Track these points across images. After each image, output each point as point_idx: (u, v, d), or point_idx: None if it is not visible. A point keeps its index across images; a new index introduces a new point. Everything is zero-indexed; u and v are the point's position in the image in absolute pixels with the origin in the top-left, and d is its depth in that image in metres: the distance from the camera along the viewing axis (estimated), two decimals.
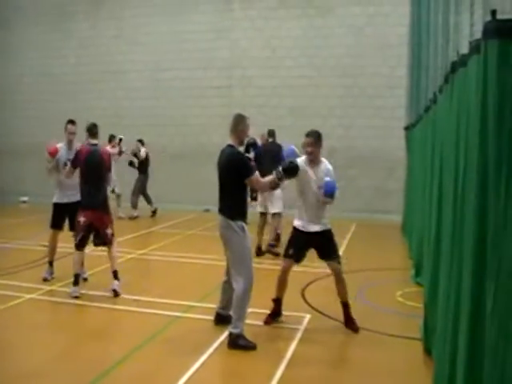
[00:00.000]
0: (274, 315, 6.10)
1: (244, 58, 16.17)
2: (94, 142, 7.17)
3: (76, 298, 6.85)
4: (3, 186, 18.35)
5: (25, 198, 17.82)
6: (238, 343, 5.30)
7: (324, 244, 5.90)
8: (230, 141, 5.52)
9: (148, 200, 14.67)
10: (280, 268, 6.09)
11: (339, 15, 15.27)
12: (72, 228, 7.67)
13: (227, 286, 5.72)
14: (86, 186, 7.02)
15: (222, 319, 5.87)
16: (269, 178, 5.49)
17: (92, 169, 7.02)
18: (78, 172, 7.57)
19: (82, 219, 6.99)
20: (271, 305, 6.09)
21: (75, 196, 7.53)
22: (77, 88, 17.97)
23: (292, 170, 5.45)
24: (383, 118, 14.52)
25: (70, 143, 7.75)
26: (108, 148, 12.17)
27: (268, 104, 15.50)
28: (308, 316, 6.28)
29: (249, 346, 5.30)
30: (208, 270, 8.39)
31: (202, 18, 16.75)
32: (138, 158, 14.37)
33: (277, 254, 9.13)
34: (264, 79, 15.82)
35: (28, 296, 7.02)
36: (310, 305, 6.70)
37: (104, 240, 7.13)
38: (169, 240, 11.07)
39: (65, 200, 7.70)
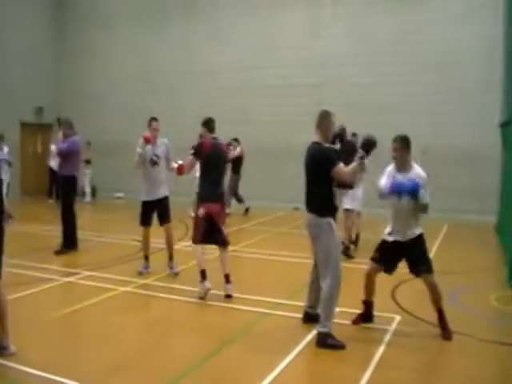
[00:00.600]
0: (365, 318, 5.98)
1: (336, 56, 16.02)
2: (213, 135, 7.22)
3: (201, 298, 6.87)
4: (100, 183, 19.21)
5: (120, 194, 18.52)
6: (326, 342, 5.28)
7: (413, 254, 5.65)
8: (316, 138, 5.50)
9: (239, 199, 14.99)
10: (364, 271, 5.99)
11: (432, 10, 14.82)
12: (162, 222, 8.00)
13: (315, 285, 5.71)
14: (207, 179, 7.06)
15: (310, 318, 5.86)
16: (351, 165, 5.33)
17: (214, 162, 7.08)
18: (162, 167, 7.84)
19: (201, 212, 6.93)
20: (361, 305, 6.00)
21: (162, 192, 7.87)
22: (171, 88, 18.52)
23: (369, 143, 5.23)
24: (477, 115, 13.94)
25: (153, 139, 7.94)
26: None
27: (359, 102, 15.26)
28: (398, 317, 6.14)
29: (337, 346, 5.26)
30: (296, 268, 8.38)
31: (295, 16, 16.77)
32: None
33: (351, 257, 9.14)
34: (355, 77, 15.60)
35: (122, 289, 7.30)
36: (399, 306, 6.54)
37: (221, 238, 7.04)
38: (258, 237, 11.17)
39: (151, 198, 7.97)
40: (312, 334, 5.50)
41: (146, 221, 8.08)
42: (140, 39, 19.34)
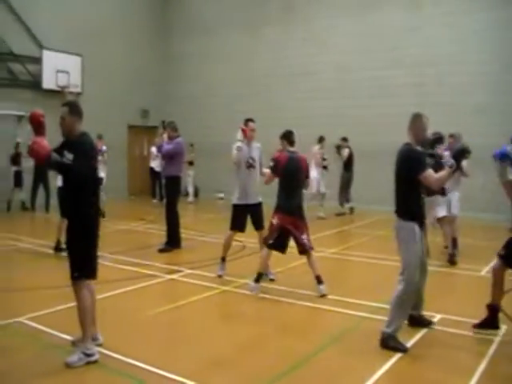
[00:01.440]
0: (489, 324, 5.66)
1: (433, 55, 15.60)
2: (292, 149, 7.30)
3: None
4: (202, 184, 19.75)
5: (221, 195, 18.93)
6: (388, 344, 5.22)
7: None
8: (408, 139, 5.43)
9: (346, 199, 15.30)
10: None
11: None
12: (257, 228, 7.96)
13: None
14: (283, 192, 7.20)
15: (415, 321, 5.75)
16: (441, 173, 5.20)
17: (290, 176, 7.16)
18: (257, 171, 7.89)
19: (274, 221, 7.15)
20: (465, 312, 5.78)
21: (256, 197, 7.84)
22: (267, 90, 18.76)
23: (461, 154, 5.08)
24: None
25: (249, 141, 7.91)
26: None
27: (456, 101, 14.79)
28: (504, 327, 5.86)
29: (398, 349, 5.16)
30: (396, 272, 8.21)
31: (391, 16, 16.52)
32: (341, 158, 15.18)
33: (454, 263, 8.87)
34: (452, 76, 15.15)
35: (223, 288, 7.48)
36: (506, 314, 6.24)
37: (303, 248, 7.17)
38: (359, 240, 11.06)
39: (245, 201, 7.85)
40: (415, 339, 5.39)
41: (237, 225, 7.93)
42: (239, 42, 19.83)
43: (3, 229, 12.38)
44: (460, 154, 5.14)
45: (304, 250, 7.18)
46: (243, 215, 7.90)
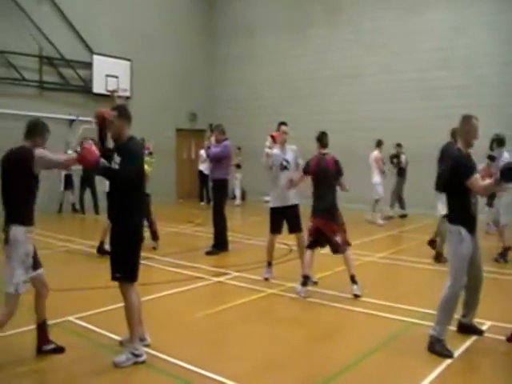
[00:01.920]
0: None
1: (479, 56, 15.34)
2: (324, 151, 7.39)
3: (305, 297, 7.14)
4: (249, 187, 19.84)
5: (268, 198, 18.89)
6: (434, 348, 5.18)
7: None
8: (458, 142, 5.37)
9: (401, 203, 15.22)
10: None
11: None
12: (292, 231, 8.00)
13: (464, 293, 5.49)
14: (315, 194, 7.34)
15: (464, 328, 5.66)
16: (486, 182, 5.14)
17: (319, 177, 7.30)
18: (291, 174, 7.90)
19: (310, 224, 7.35)
20: None
21: (292, 199, 7.88)
22: (311, 93, 18.74)
23: (509, 173, 4.87)
24: None
25: (282, 143, 7.98)
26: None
27: (503, 103, 14.46)
28: None
29: (443, 354, 5.10)
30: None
31: (436, 16, 16.29)
32: (399, 163, 15.03)
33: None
34: (499, 76, 14.84)
35: (270, 291, 7.51)
36: None
37: (336, 248, 7.27)
38: (408, 244, 10.92)
39: (280, 204, 7.94)
40: (465, 346, 5.30)
41: (275, 228, 8.02)
42: (284, 44, 19.87)
43: (54, 230, 12.71)
44: (507, 173, 4.87)
45: (336, 249, 7.28)
46: (280, 218, 7.97)
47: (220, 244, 10.15)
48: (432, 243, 9.71)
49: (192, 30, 21.66)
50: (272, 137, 7.87)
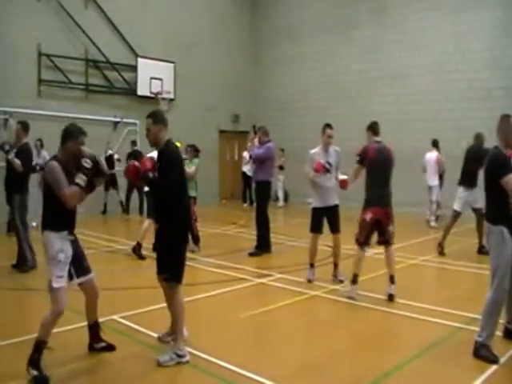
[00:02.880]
0: None
1: None
2: (378, 139, 7.27)
3: (350, 298, 7.14)
4: (292, 188, 19.86)
5: (310, 200, 18.87)
6: (479, 353, 5.11)
7: None
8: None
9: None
10: None
11: None
12: (334, 230, 8.04)
13: (508, 297, 5.40)
14: (374, 183, 7.17)
15: (510, 333, 5.58)
16: None
17: (381, 166, 7.15)
18: (333, 175, 7.92)
19: (368, 216, 7.12)
20: None
21: (333, 200, 7.95)
22: (358, 94, 18.65)
23: None
24: None
25: (326, 146, 7.99)
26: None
27: None
28: None
29: (489, 359, 5.02)
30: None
31: (485, 14, 16.01)
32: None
33: None
34: None
35: (312, 293, 7.53)
36: None
37: (386, 238, 7.20)
38: (452, 247, 10.74)
39: (323, 204, 8.00)
40: (511, 352, 5.22)
41: (316, 228, 8.09)
42: (328, 46, 19.84)
43: (100, 231, 13.01)
44: None
45: (385, 240, 7.22)
46: (320, 217, 8.06)
47: (263, 246, 10.22)
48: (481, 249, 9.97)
49: (235, 33, 21.87)
50: (315, 170, 7.84)
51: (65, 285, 4.78)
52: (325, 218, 8.08)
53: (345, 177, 7.78)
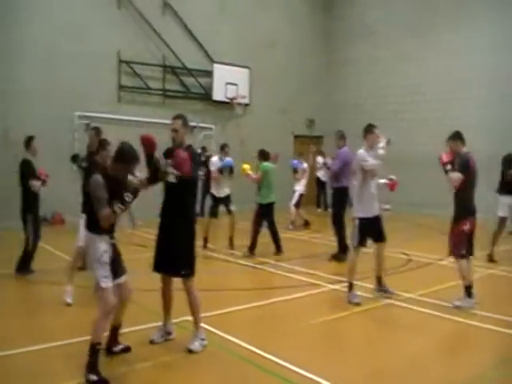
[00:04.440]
0: None
1: None
2: (465, 148, 7.11)
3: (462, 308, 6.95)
4: None
5: (387, 206, 18.66)
6: None
7: None
8: None
9: None
10: None
11: None
12: (379, 239, 7.60)
13: None
14: (470, 193, 7.12)
15: None
16: None
17: (476, 176, 7.13)
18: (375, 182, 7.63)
19: (466, 227, 7.00)
20: None
21: (377, 208, 7.56)
22: (439, 98, 18.26)
23: None
24: None
25: (372, 147, 7.61)
26: None
27: None
28: None
29: None
30: None
31: None
32: None
33: None
34: None
35: (387, 301, 7.46)
36: None
37: (473, 249, 7.14)
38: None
39: (372, 214, 7.45)
40: None
41: (363, 240, 7.45)
42: (407, 48, 19.49)
43: None
44: None
45: (472, 252, 7.15)
46: (368, 228, 7.42)
47: (341, 252, 10.15)
48: None
49: (309, 36, 21.89)
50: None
51: (111, 284, 4.86)
52: (371, 228, 7.47)
53: (393, 177, 7.64)
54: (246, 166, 10.93)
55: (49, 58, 15.31)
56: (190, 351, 5.33)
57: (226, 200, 11.32)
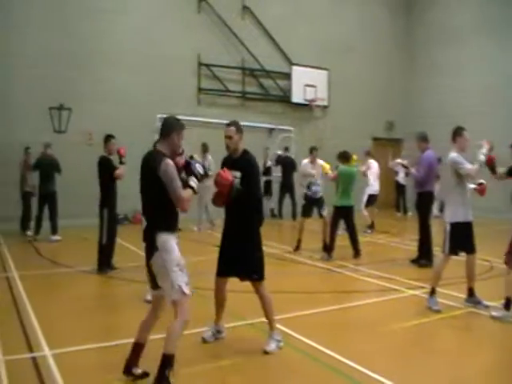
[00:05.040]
0: None
1: None
2: None
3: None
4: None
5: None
6: None
7: None
8: None
9: None
10: None
11: None
12: (471, 251, 7.25)
13: None
14: None
15: None
16: None
17: None
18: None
19: None
20: None
21: (470, 215, 7.15)
22: None
23: None
24: None
25: (463, 150, 7.30)
26: None
27: None
28: None
29: None
30: None
31: None
32: None
33: None
34: None
35: (470, 309, 7.18)
36: None
37: None
38: None
39: (469, 219, 7.11)
40: None
41: (455, 248, 7.16)
42: (488, 50, 18.80)
43: None
44: None
45: None
46: (462, 235, 7.10)
47: (425, 257, 9.90)
48: None
49: (389, 38, 21.55)
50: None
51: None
52: (465, 235, 7.15)
53: (484, 181, 7.36)
54: (327, 166, 10.93)
55: (132, 62, 15.80)
56: (266, 352, 5.34)
57: (319, 202, 11.25)
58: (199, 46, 16.91)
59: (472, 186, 7.49)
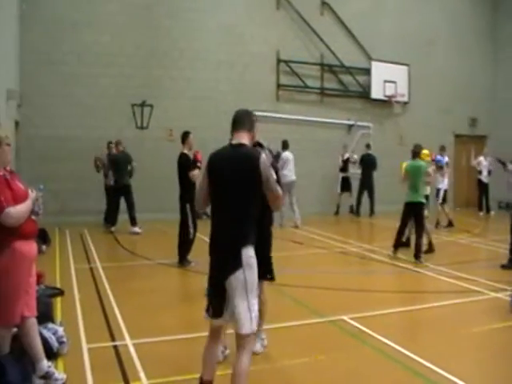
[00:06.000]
0: None
1: None
2: None
3: None
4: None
5: None
6: None
7: None
8: None
9: None
10: None
11: None
12: None
13: None
14: None
15: None
16: None
17: None
18: None
19: None
20: None
21: None
22: None
23: None
24: None
25: None
26: None
27: None
28: None
29: None
30: None
31: None
32: None
33: None
34: None
35: None
36: None
37: None
38: None
39: None
40: None
41: None
42: None
43: (332, 231, 13.34)
44: None
45: None
46: None
47: None
48: None
49: (473, 32, 20.77)
50: None
51: None
52: None
53: None
54: (405, 164, 10.69)
55: (214, 60, 16.04)
56: (256, 353, 4.96)
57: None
58: (278, 42, 16.93)
59: None
